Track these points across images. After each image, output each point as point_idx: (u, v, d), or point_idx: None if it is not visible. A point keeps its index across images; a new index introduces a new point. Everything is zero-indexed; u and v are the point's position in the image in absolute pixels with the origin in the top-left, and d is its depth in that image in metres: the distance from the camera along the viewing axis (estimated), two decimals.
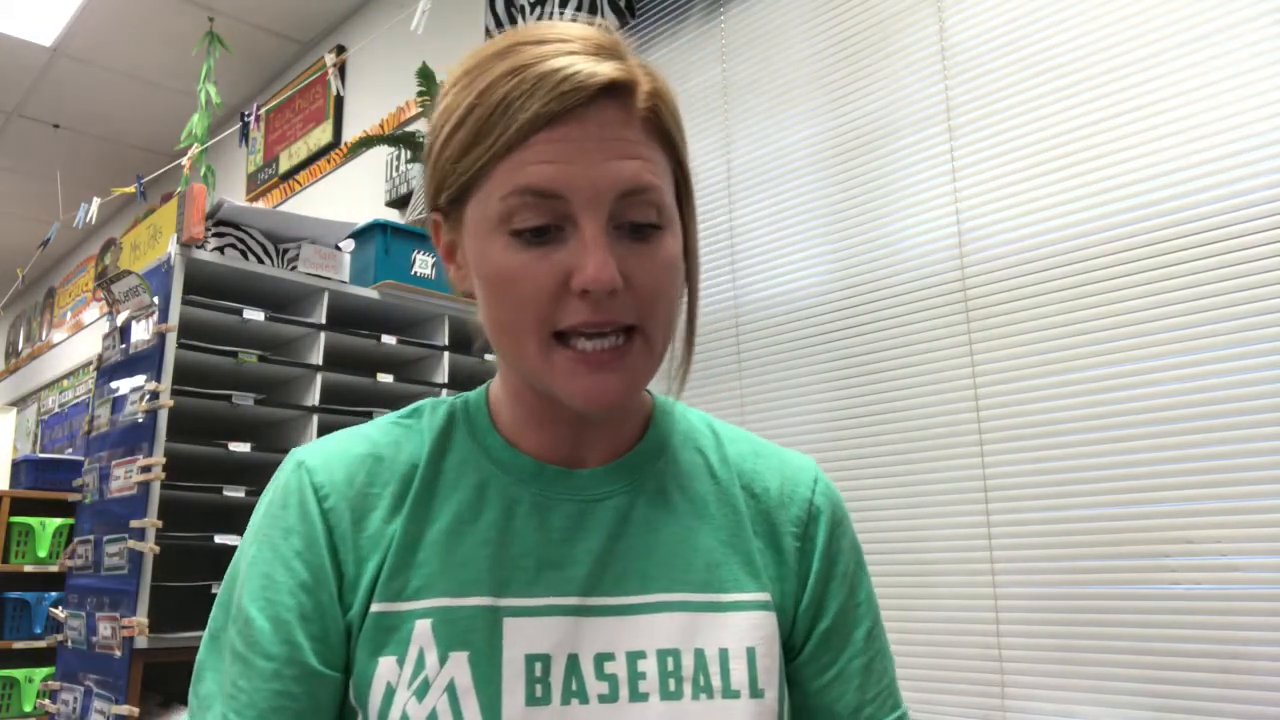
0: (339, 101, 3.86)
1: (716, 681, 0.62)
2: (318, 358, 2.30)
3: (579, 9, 2.61)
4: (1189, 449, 1.53)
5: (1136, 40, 1.67)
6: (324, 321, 2.33)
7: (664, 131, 0.63)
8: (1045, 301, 1.73)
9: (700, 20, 2.52)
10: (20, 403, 6.89)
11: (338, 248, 2.44)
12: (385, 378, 2.41)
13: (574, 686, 0.60)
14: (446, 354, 2.49)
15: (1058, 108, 1.76)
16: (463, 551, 0.63)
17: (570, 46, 0.60)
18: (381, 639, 0.61)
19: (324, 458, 0.66)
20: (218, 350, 2.17)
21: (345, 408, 2.29)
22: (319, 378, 2.29)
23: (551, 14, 2.66)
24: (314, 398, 2.28)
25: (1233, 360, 1.51)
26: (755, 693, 0.63)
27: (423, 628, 0.60)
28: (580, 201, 0.58)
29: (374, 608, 0.61)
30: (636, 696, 0.61)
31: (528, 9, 2.76)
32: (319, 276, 2.36)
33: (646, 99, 0.61)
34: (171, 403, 2.03)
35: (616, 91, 0.60)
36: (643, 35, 2.68)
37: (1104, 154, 1.69)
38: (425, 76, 2.80)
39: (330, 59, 3.62)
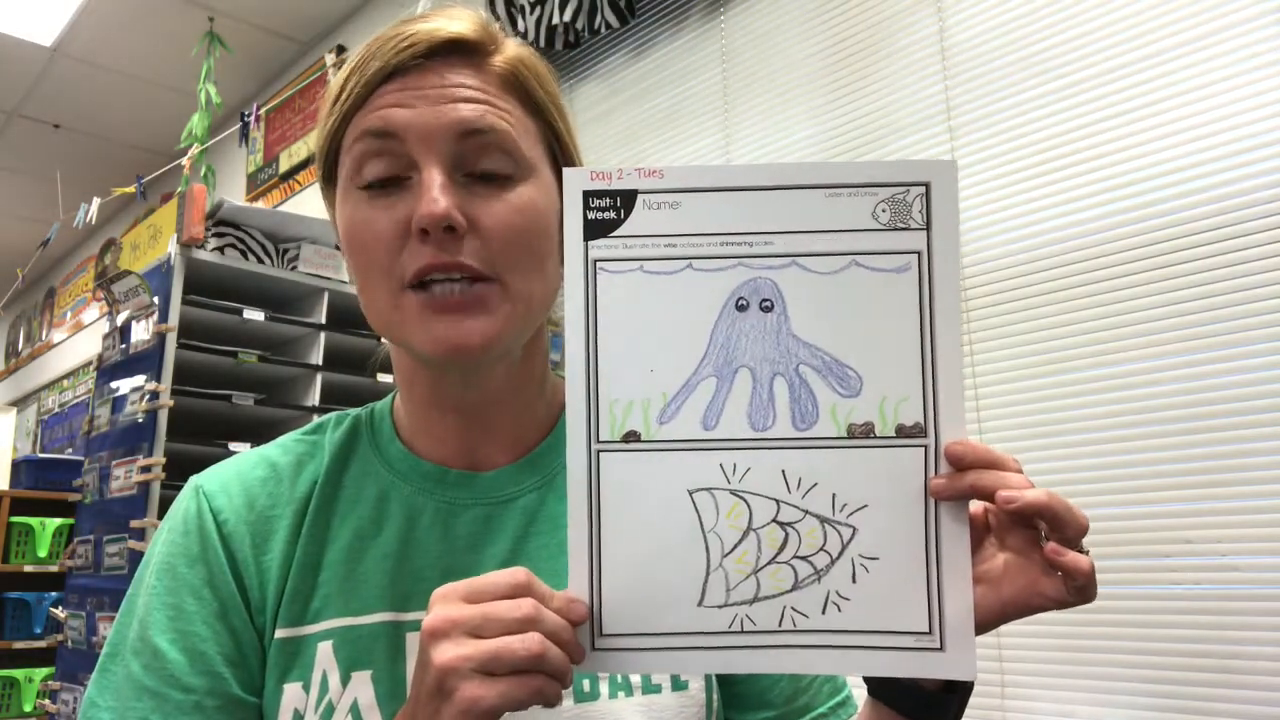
0: None
1: (635, 677, 0.60)
2: (318, 358, 2.30)
3: (579, 9, 2.61)
4: (1189, 449, 1.53)
5: (1136, 40, 1.67)
6: (324, 321, 2.34)
7: (527, 94, 0.62)
8: (1044, 302, 1.73)
9: (700, 20, 2.52)
10: (20, 403, 6.89)
11: (337, 248, 2.44)
12: (386, 378, 2.40)
13: None
14: None
15: (1058, 108, 1.76)
16: (362, 569, 0.61)
17: (435, 18, 0.61)
18: (286, 665, 0.59)
19: (222, 482, 0.64)
20: (218, 350, 2.17)
21: (345, 408, 2.29)
22: (319, 378, 2.29)
23: (551, 14, 2.66)
24: (314, 398, 2.28)
25: (1233, 360, 1.51)
26: (678, 685, 0.61)
27: (325, 650, 0.59)
28: (416, 142, 0.57)
29: (278, 633, 0.59)
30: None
31: (527, 9, 2.76)
32: (319, 276, 2.36)
33: (505, 61, 0.62)
34: (171, 403, 2.03)
35: (466, 49, 0.60)
36: (643, 35, 2.68)
37: (1104, 154, 1.69)
38: None
39: (330, 59, 3.62)
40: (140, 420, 2.07)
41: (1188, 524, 1.52)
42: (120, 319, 2.27)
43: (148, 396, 2.05)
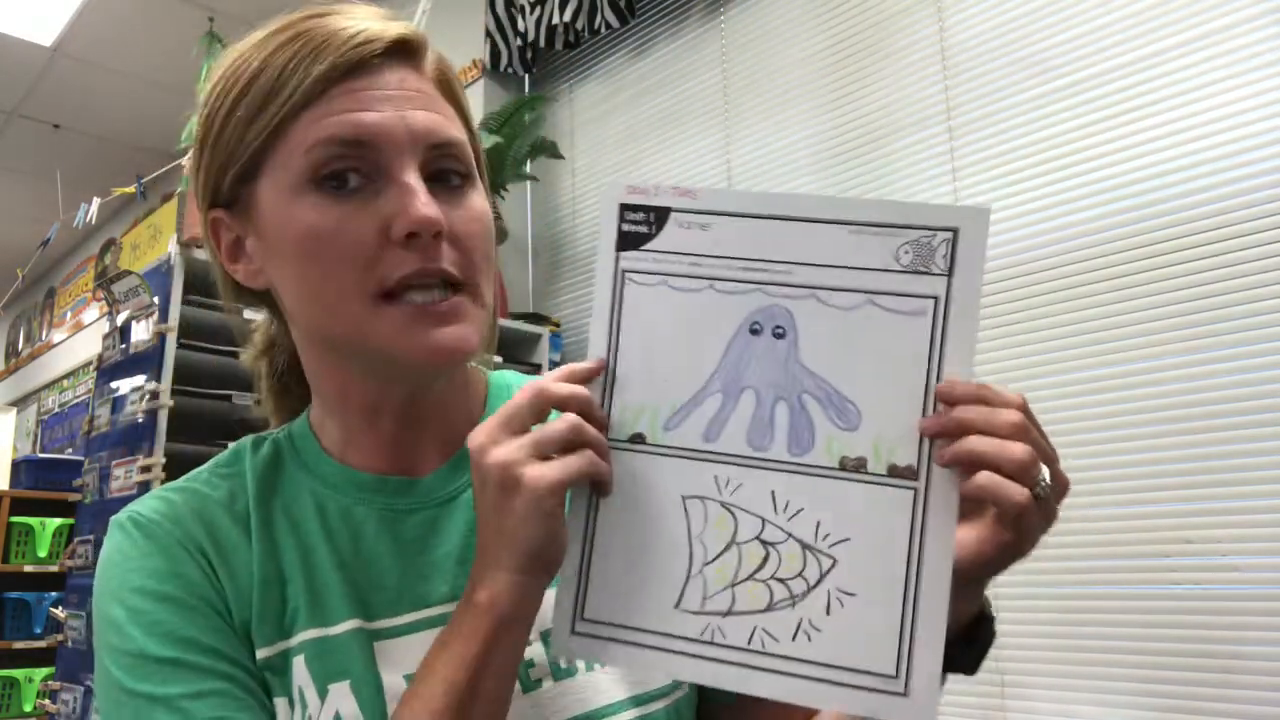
0: None
1: None
2: None
3: (579, 9, 2.61)
4: (1189, 449, 1.53)
5: (1136, 40, 1.68)
6: None
7: (455, 99, 0.62)
8: (1045, 301, 1.73)
9: (700, 20, 2.52)
10: (20, 403, 6.89)
11: None
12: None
13: None
14: None
15: (1058, 108, 1.76)
16: (319, 581, 0.60)
17: (354, 14, 0.59)
18: (273, 683, 0.58)
19: (157, 510, 0.61)
20: (218, 350, 2.17)
21: None
22: None
23: (551, 14, 2.67)
24: None
25: (1233, 360, 1.51)
26: None
27: (299, 665, 0.57)
28: (391, 149, 0.55)
29: (258, 655, 0.58)
30: (530, 686, 0.59)
31: (527, 9, 2.76)
32: None
33: (435, 63, 0.61)
34: (171, 403, 2.03)
35: (407, 52, 0.59)
36: (643, 35, 2.68)
37: (1104, 154, 1.69)
38: None
39: None
40: (140, 420, 2.07)
41: (1188, 524, 1.52)
42: (120, 319, 2.27)
43: (148, 396, 2.05)
